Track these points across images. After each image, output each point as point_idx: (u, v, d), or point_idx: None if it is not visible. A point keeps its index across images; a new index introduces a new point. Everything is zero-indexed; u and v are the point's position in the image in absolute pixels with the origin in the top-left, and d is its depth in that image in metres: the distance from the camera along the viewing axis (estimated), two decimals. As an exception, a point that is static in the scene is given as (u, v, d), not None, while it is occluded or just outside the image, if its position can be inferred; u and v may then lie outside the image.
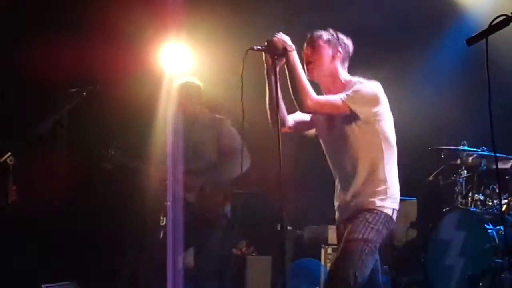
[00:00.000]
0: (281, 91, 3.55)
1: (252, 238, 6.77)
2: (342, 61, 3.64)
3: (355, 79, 3.60)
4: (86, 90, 5.23)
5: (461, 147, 5.91)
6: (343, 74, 3.64)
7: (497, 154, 3.90)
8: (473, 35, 2.80)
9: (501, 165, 5.73)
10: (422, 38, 7.06)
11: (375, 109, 3.47)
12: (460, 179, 5.97)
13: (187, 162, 5.36)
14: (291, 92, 3.45)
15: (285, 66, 3.45)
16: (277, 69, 3.48)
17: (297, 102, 3.45)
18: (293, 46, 3.45)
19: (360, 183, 3.49)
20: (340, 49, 3.63)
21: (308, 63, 3.59)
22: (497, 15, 2.71)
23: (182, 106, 5.46)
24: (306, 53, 3.61)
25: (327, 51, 3.60)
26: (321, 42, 3.60)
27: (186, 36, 6.25)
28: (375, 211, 3.46)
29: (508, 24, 2.70)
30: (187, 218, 5.30)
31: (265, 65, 3.52)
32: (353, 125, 3.48)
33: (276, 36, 3.44)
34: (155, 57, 6.23)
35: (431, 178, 6.30)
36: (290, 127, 3.71)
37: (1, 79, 6.05)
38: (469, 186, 5.95)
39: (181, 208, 6.13)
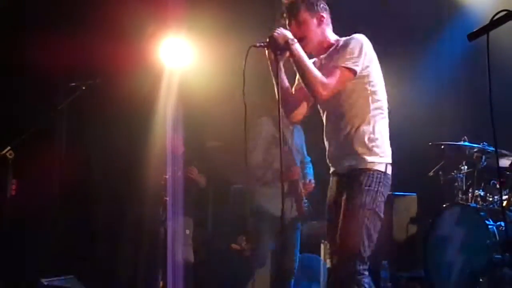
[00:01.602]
0: (289, 79, 3.57)
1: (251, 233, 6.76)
2: (328, 24, 3.63)
3: (341, 39, 3.58)
4: (86, 84, 5.23)
5: (461, 143, 5.89)
6: (331, 35, 3.63)
7: (498, 150, 3.89)
8: (474, 30, 2.78)
9: (501, 161, 5.71)
10: (423, 33, 7.05)
11: (366, 62, 3.47)
12: (461, 175, 5.95)
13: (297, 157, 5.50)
14: (303, 84, 3.45)
15: (291, 60, 3.44)
16: (281, 63, 3.47)
17: (311, 94, 3.47)
18: (295, 39, 3.43)
19: (349, 137, 3.49)
20: (321, 12, 3.60)
21: (298, 39, 3.52)
22: (498, 10, 2.69)
23: None
24: (293, 30, 3.55)
25: (313, 22, 3.57)
26: (303, 15, 3.56)
27: (186, 30, 6.24)
28: (367, 171, 3.44)
29: (509, 19, 2.68)
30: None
31: (269, 61, 3.50)
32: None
33: (276, 31, 3.42)
34: (155, 51, 6.22)
35: (431, 173, 6.28)
36: (305, 110, 3.72)
37: (2, 73, 6.04)
38: (470, 181, 5.93)
39: (181, 202, 6.14)
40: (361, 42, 3.49)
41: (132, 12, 5.98)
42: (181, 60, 6.30)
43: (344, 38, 3.57)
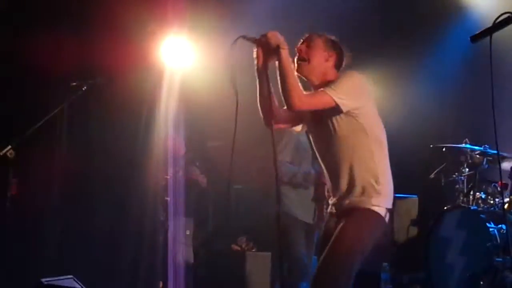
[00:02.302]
0: (272, 87, 3.51)
1: (252, 234, 6.76)
2: (334, 66, 3.59)
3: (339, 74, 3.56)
4: (87, 84, 5.22)
5: (463, 145, 5.88)
6: (332, 75, 3.58)
7: (499, 152, 3.88)
8: (477, 33, 2.78)
9: (503, 164, 5.71)
10: (425, 35, 7.04)
11: (359, 101, 3.41)
12: (462, 177, 5.95)
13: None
14: (280, 90, 3.41)
15: (276, 64, 3.40)
16: (267, 65, 3.43)
17: (285, 101, 3.40)
18: (286, 45, 3.39)
19: (349, 180, 3.43)
20: (335, 53, 3.59)
21: (301, 59, 3.53)
22: (501, 13, 2.69)
23: None
24: (300, 49, 3.56)
25: (322, 52, 3.56)
26: (318, 42, 3.56)
27: (187, 29, 6.23)
28: (367, 211, 3.38)
29: (512, 22, 2.68)
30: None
31: (255, 61, 3.45)
32: (338, 119, 3.43)
33: (271, 32, 3.39)
34: (157, 51, 6.21)
35: (432, 175, 6.28)
36: (282, 122, 3.65)
37: (2, 72, 6.03)
38: (471, 184, 5.92)
39: (182, 203, 6.13)
40: (355, 78, 3.44)
41: (133, 11, 5.96)
42: (182, 59, 6.28)
43: (341, 74, 3.54)
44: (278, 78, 3.39)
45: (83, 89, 5.21)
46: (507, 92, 5.81)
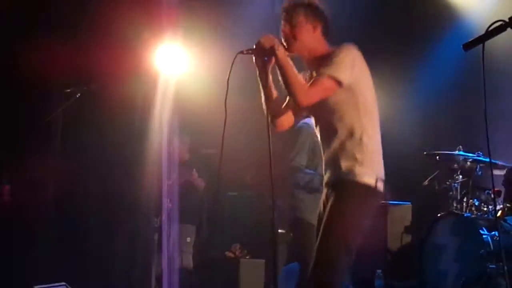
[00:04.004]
0: (275, 86, 3.52)
1: (246, 241, 6.75)
2: (322, 34, 3.55)
3: (332, 48, 3.50)
4: (81, 91, 5.23)
5: (456, 152, 5.90)
6: (324, 46, 3.55)
7: (492, 160, 3.89)
8: (469, 40, 2.79)
9: (496, 171, 5.73)
10: (419, 43, 7.07)
11: (355, 75, 3.38)
12: (455, 184, 5.96)
13: None
14: (286, 89, 3.42)
15: (276, 65, 3.42)
16: (269, 70, 3.45)
17: (293, 99, 3.45)
18: (281, 45, 3.41)
19: (335, 149, 3.41)
20: (319, 22, 3.52)
21: (287, 39, 3.49)
22: (494, 21, 2.70)
23: None
24: (285, 31, 3.50)
25: (307, 27, 3.50)
26: (299, 17, 3.49)
27: (181, 36, 6.23)
28: (354, 183, 3.34)
29: (504, 30, 2.69)
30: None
31: (256, 68, 3.48)
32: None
33: (263, 37, 3.41)
34: (151, 58, 6.21)
35: (426, 182, 6.29)
36: (291, 119, 3.65)
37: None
38: (464, 191, 5.94)
39: (180, 209, 6.12)
40: (350, 51, 3.41)
41: (127, 18, 5.97)
42: (176, 66, 6.29)
43: (334, 48, 3.50)
44: (280, 78, 3.41)
45: (77, 95, 5.22)
46: (500, 99, 5.84)
